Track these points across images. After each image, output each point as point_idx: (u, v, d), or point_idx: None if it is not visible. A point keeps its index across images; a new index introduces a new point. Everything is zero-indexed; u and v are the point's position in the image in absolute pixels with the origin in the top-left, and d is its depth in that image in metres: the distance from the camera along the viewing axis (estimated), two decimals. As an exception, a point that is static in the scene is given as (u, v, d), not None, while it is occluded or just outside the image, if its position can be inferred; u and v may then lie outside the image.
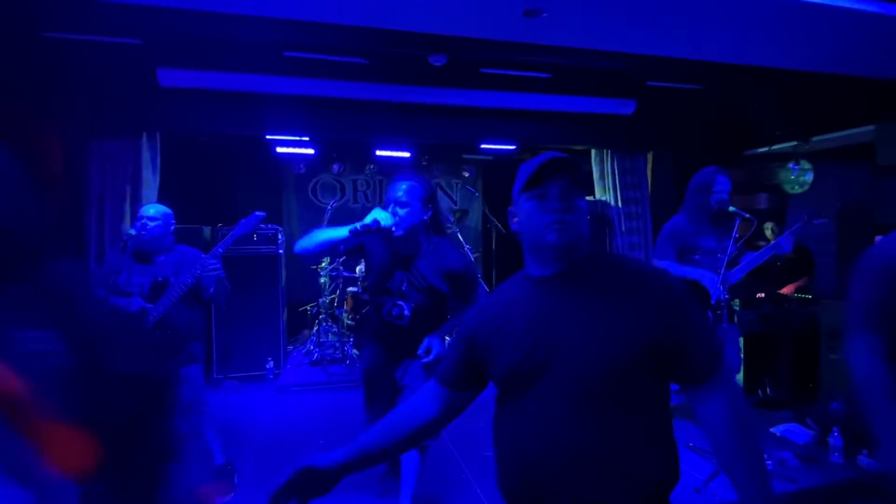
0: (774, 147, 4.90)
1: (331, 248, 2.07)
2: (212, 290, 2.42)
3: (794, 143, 4.70)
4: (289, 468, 1.06)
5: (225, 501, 2.51)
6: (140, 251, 2.49)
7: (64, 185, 3.79)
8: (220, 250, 2.37)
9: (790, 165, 4.69)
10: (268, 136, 4.96)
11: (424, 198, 2.06)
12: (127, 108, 3.92)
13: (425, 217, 2.07)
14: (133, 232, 2.73)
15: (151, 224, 2.47)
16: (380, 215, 1.96)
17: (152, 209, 2.54)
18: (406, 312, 2.07)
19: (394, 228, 1.99)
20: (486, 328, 1.12)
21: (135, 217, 4.01)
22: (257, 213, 2.44)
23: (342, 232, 1.98)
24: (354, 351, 4.77)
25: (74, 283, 0.98)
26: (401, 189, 2.03)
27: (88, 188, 3.98)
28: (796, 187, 4.73)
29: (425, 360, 2.03)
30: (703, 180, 2.92)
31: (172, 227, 2.58)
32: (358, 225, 1.95)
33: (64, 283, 0.95)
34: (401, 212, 2.01)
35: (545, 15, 2.52)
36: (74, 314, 0.92)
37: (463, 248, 4.97)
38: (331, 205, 5.55)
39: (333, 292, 5.09)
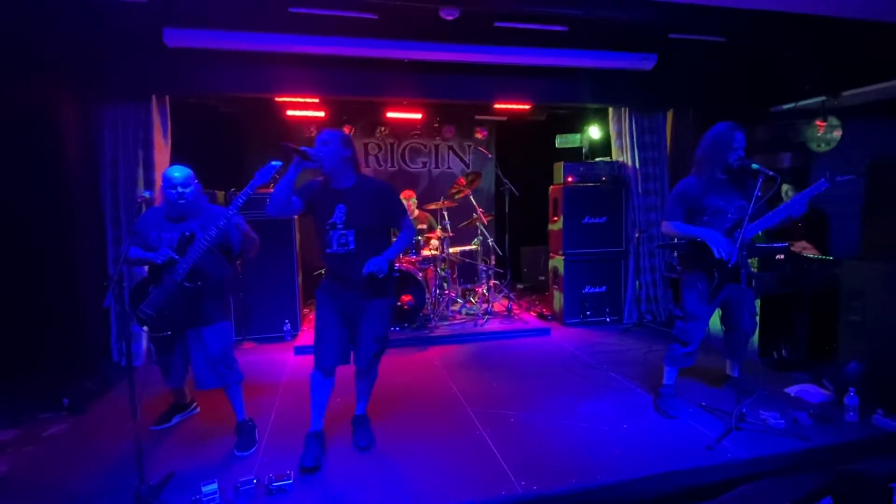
0: (801, 103, 4.69)
1: (288, 195, 2.32)
2: (236, 242, 2.53)
3: (822, 98, 4.49)
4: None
5: (245, 455, 2.60)
6: (175, 215, 2.59)
7: (78, 150, 3.80)
8: (241, 200, 2.36)
9: (817, 122, 4.50)
10: (277, 99, 4.89)
11: (343, 138, 2.43)
12: (134, 70, 3.88)
13: (347, 154, 2.41)
14: (147, 194, 2.78)
15: (186, 191, 2.56)
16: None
17: (177, 172, 2.57)
18: (351, 239, 2.40)
19: (322, 163, 2.34)
20: None
21: (148, 180, 4.06)
22: (273, 162, 2.39)
23: (288, 171, 2.29)
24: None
25: None
26: (323, 134, 2.43)
27: (102, 153, 4.00)
28: (822, 145, 4.55)
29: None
30: (722, 138, 2.80)
31: (201, 188, 2.66)
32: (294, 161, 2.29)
33: None
34: (325, 148, 2.38)
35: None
36: None
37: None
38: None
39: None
